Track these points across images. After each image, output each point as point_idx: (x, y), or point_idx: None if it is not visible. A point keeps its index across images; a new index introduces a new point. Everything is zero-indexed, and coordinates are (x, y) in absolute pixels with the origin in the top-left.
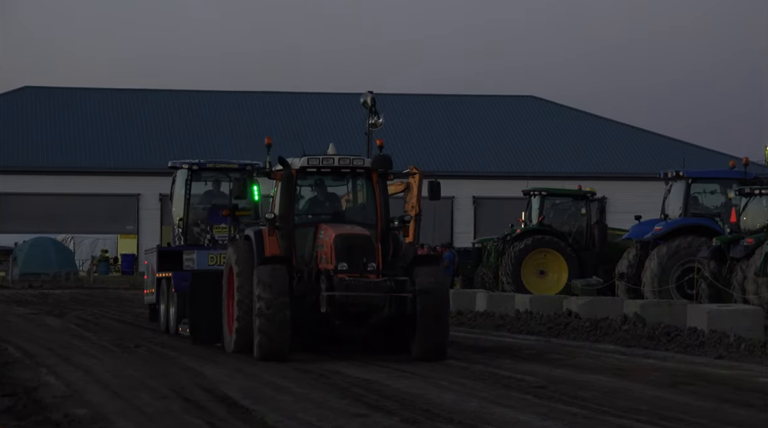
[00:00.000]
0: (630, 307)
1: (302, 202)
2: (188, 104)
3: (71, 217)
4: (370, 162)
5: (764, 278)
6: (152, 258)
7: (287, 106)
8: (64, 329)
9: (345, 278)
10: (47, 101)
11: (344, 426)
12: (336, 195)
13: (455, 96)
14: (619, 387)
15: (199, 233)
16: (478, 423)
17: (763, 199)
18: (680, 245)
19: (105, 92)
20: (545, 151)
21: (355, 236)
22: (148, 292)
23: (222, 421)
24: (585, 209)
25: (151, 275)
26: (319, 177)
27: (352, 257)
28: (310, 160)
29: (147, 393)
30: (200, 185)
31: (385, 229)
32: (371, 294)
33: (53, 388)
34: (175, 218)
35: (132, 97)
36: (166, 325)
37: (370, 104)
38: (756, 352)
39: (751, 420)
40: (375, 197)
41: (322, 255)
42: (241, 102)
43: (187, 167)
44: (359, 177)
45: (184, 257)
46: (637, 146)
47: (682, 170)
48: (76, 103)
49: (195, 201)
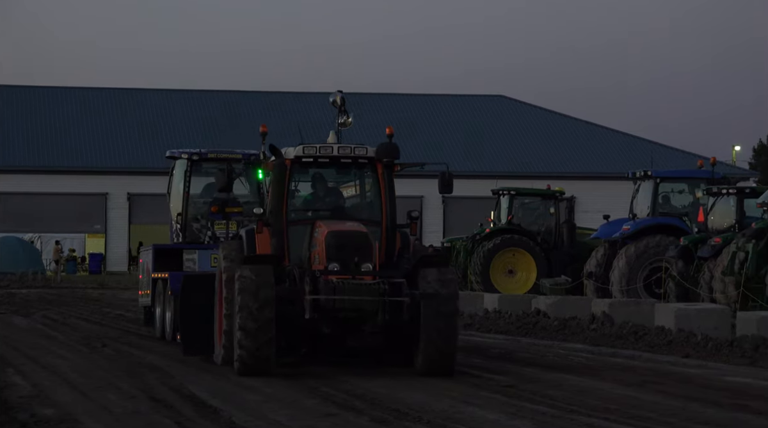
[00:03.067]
0: (598, 306)
1: (299, 196)
2: (156, 104)
3: (38, 216)
4: (374, 151)
5: (731, 277)
6: (148, 257)
7: (256, 105)
8: (31, 328)
9: (332, 280)
10: (12, 100)
11: (314, 426)
12: (337, 189)
13: (424, 95)
14: (588, 386)
15: (199, 230)
16: (448, 423)
17: (731, 199)
18: (648, 245)
19: (72, 91)
20: (514, 150)
21: (349, 233)
22: (142, 293)
23: (190, 421)
24: (554, 208)
25: (147, 275)
26: (316, 168)
27: (344, 257)
28: (306, 148)
29: (114, 392)
30: (201, 177)
31: (390, 226)
32: (362, 298)
33: (20, 388)
34: (173, 213)
35: (100, 96)
36: (162, 331)
37: (340, 104)
38: (723, 351)
39: (718, 419)
40: (380, 190)
41: (315, 255)
42: (207, 101)
43: (186, 157)
44: (362, 168)
45: (184, 256)
46: (605, 146)
47: (650, 170)
48: (43, 102)
49: (195, 195)
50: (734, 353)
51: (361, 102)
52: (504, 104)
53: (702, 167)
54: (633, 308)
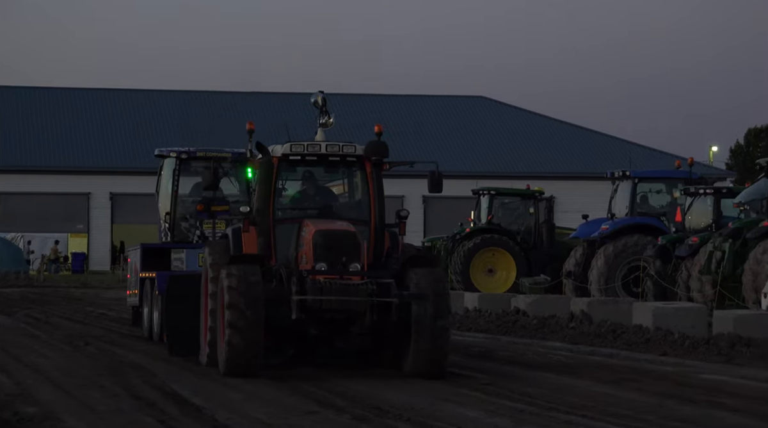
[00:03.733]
0: (577, 305)
1: (286, 195)
2: (138, 104)
3: (20, 216)
4: (362, 149)
5: (708, 276)
6: (136, 256)
7: (241, 105)
8: (14, 327)
9: (320, 280)
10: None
11: (295, 424)
12: (325, 187)
13: (406, 96)
14: (566, 383)
15: (187, 229)
16: (428, 420)
17: (708, 199)
18: (626, 244)
19: (54, 91)
20: (494, 151)
21: (337, 233)
22: (130, 293)
23: (173, 419)
24: (533, 208)
25: (134, 274)
26: (305, 167)
27: (332, 257)
28: (293, 146)
29: (97, 391)
30: (189, 176)
31: (379, 225)
32: (349, 299)
33: (3, 386)
34: (162, 212)
35: (82, 97)
36: (150, 331)
37: (321, 104)
38: (699, 349)
39: (694, 416)
40: (369, 189)
41: (302, 255)
42: (189, 101)
43: (175, 155)
44: (350, 167)
45: (172, 256)
46: (584, 146)
47: (629, 170)
48: (26, 102)
49: (183, 194)
50: (710, 351)
51: (342, 103)
52: (484, 105)
53: (680, 168)
54: (611, 307)
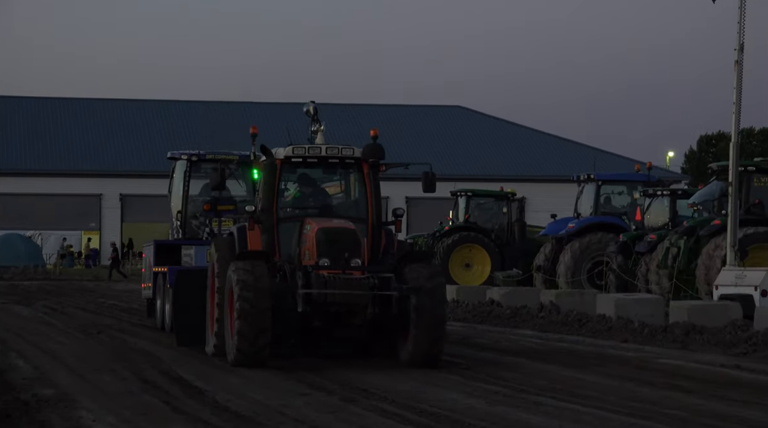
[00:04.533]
0: (546, 296)
1: (289, 195)
2: (146, 113)
3: (39, 215)
4: (360, 152)
5: (665, 270)
6: (149, 252)
7: (240, 114)
8: (32, 317)
9: (324, 274)
10: (15, 109)
11: (289, 404)
12: (325, 188)
13: (390, 106)
14: (537, 368)
15: (198, 227)
16: (410, 401)
17: (665, 199)
18: (591, 241)
19: (70, 102)
20: (470, 156)
21: (339, 230)
22: (145, 286)
23: (177, 400)
24: (506, 208)
25: (149, 269)
26: (305, 168)
27: (334, 253)
28: (295, 149)
29: (109, 374)
30: (199, 177)
31: (376, 224)
32: (352, 292)
33: (22, 371)
34: (174, 211)
35: (94, 107)
36: (162, 322)
37: (313, 113)
38: (657, 336)
39: (652, 397)
40: (366, 189)
41: (305, 251)
42: (190, 111)
43: (186, 158)
44: (349, 168)
45: (182, 252)
46: (552, 152)
47: (593, 173)
48: (42, 111)
49: (194, 194)
50: (667, 338)
51: (330, 112)
52: (462, 114)
53: (639, 171)
54: (577, 298)
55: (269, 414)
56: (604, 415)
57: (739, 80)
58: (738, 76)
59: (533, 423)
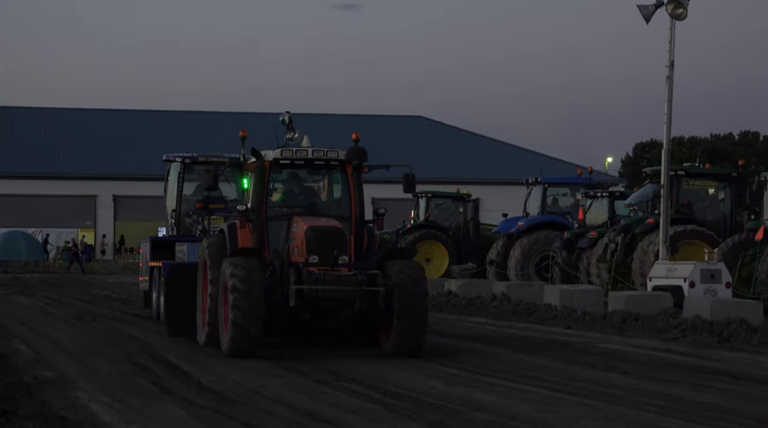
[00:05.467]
0: (498, 287)
1: (276, 195)
2: (137, 122)
3: (39, 214)
4: (344, 154)
5: (604, 264)
6: (146, 247)
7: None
8: (33, 306)
9: (315, 271)
10: (16, 118)
11: (265, 385)
12: (311, 188)
13: (357, 116)
14: (490, 352)
15: (191, 224)
16: (375, 382)
17: (604, 200)
18: (538, 238)
19: (68, 112)
20: (430, 161)
21: (327, 229)
22: (142, 279)
23: (165, 381)
24: (462, 208)
25: (145, 263)
26: (293, 169)
27: (323, 250)
28: (283, 151)
29: (103, 358)
30: (193, 178)
31: (359, 222)
32: (342, 288)
33: (24, 354)
34: (168, 209)
35: (88, 116)
36: (157, 312)
37: (288, 122)
38: (597, 323)
39: (593, 377)
40: (349, 190)
41: (293, 248)
42: (179, 120)
43: (180, 160)
44: (333, 170)
45: (176, 248)
46: (504, 157)
47: (540, 177)
48: (43, 120)
49: (187, 194)
50: (606, 325)
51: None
52: (423, 124)
53: (581, 175)
54: (526, 289)
55: (248, 394)
56: (550, 394)
57: (669, 94)
58: (669, 90)
59: (486, 401)
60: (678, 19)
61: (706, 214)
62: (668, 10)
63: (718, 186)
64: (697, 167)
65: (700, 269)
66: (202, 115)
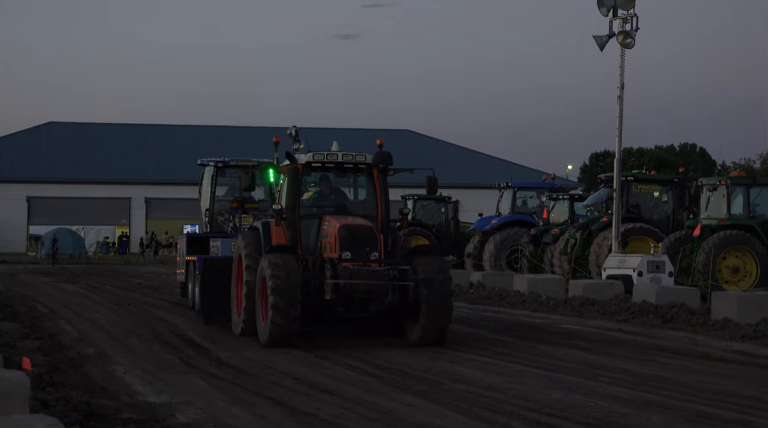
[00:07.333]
0: (475, 277)
1: (308, 195)
2: (165, 135)
3: (82, 213)
4: (371, 158)
5: (565, 256)
6: (183, 243)
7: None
8: (77, 292)
9: (349, 266)
10: (63, 132)
11: (273, 359)
12: (340, 189)
13: (351, 130)
14: (468, 332)
15: (223, 222)
16: (370, 358)
17: (565, 202)
18: (509, 234)
19: (103, 127)
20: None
21: (359, 227)
22: (179, 272)
23: (189, 357)
24: (444, 208)
25: (182, 257)
26: (323, 172)
27: (355, 247)
28: (315, 155)
29: (136, 337)
30: (225, 180)
31: (385, 221)
32: (375, 282)
33: (69, 334)
34: (202, 209)
35: (123, 130)
36: (192, 302)
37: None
38: (560, 307)
39: (556, 353)
40: (375, 191)
41: (326, 245)
42: (203, 133)
43: (213, 164)
44: (361, 172)
45: (210, 243)
46: (480, 165)
47: (511, 182)
48: (86, 134)
49: (220, 194)
50: (567, 308)
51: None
52: (409, 136)
53: (545, 180)
54: (498, 278)
55: (260, 368)
56: (519, 368)
57: (620, 110)
58: (620, 108)
59: (465, 374)
60: (627, 47)
61: (651, 214)
62: (619, 40)
63: (662, 190)
64: (644, 173)
65: (647, 261)
66: (217, 129)
